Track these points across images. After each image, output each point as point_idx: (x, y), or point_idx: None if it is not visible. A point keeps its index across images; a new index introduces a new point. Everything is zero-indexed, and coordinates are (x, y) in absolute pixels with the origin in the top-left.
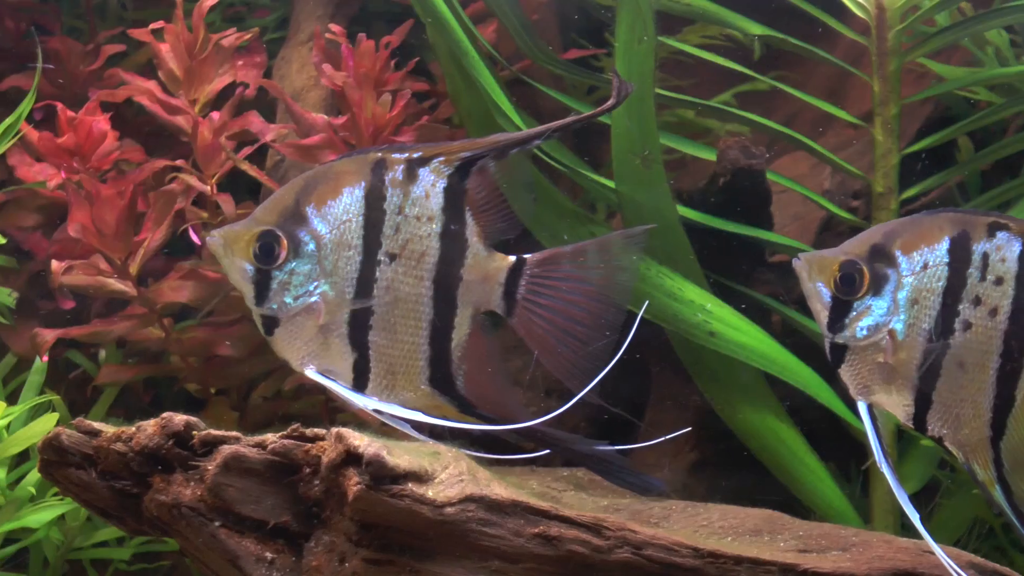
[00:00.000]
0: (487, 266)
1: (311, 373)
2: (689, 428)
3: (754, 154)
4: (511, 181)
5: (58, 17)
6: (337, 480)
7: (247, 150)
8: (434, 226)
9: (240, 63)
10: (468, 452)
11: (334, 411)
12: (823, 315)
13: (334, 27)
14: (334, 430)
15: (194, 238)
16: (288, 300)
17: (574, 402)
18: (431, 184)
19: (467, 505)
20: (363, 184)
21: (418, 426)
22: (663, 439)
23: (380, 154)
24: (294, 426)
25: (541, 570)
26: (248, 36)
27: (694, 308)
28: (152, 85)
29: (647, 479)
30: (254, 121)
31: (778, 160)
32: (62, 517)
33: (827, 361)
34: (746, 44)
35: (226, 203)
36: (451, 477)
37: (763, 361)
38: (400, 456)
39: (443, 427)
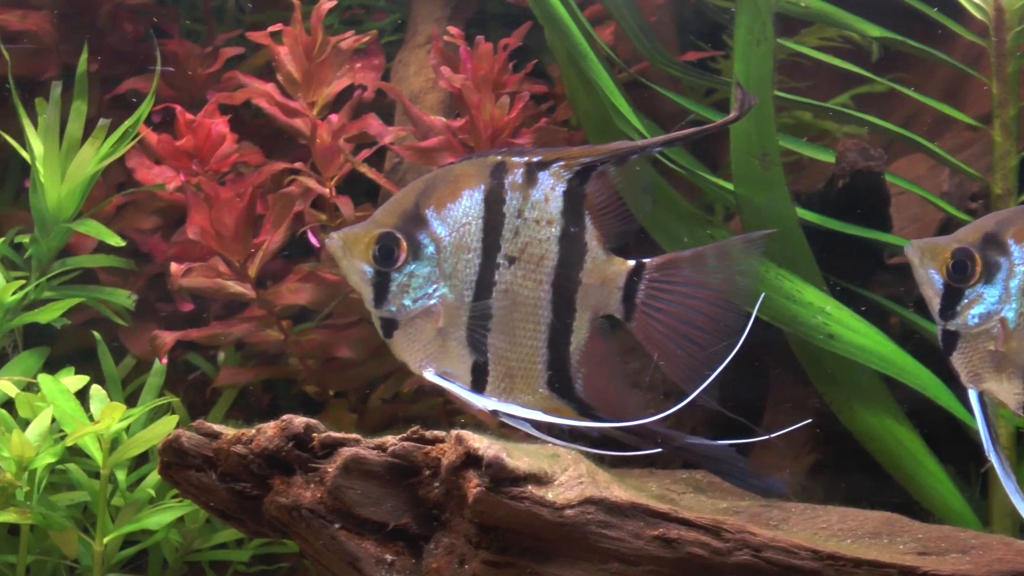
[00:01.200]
0: (606, 270)
1: (430, 375)
2: (809, 420)
3: (873, 156)
4: (630, 184)
5: (176, 20)
6: (457, 482)
7: (365, 152)
8: (553, 229)
9: (358, 65)
10: (586, 450)
11: (453, 413)
12: (935, 302)
13: (452, 29)
14: (454, 432)
15: (312, 240)
16: (407, 302)
17: (687, 401)
18: (551, 188)
19: (587, 507)
20: (483, 187)
21: (539, 428)
22: (782, 432)
23: (500, 157)
24: (414, 428)
25: (660, 572)
26: (366, 39)
27: (813, 310)
28: (270, 88)
29: (768, 480)
30: (372, 123)
31: (896, 162)
32: (181, 519)
33: (945, 364)
34: (864, 46)
35: (345, 205)
36: (571, 479)
37: (882, 363)
38: (520, 458)
39: (563, 429)
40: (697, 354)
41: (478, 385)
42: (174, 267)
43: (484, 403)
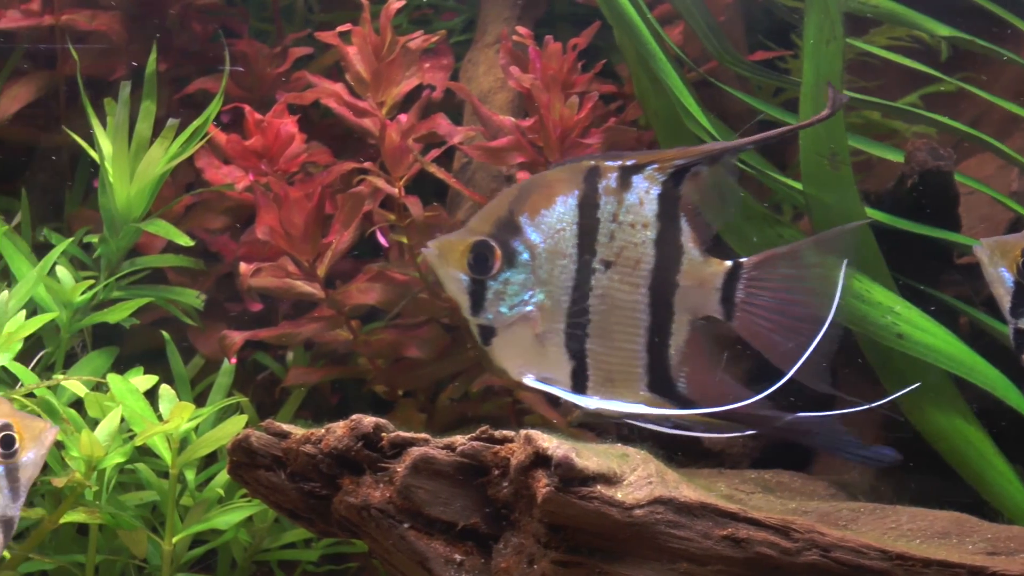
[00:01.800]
0: (703, 271)
1: (530, 381)
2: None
3: (942, 155)
4: (719, 185)
5: (245, 20)
6: (526, 482)
7: (434, 152)
8: (649, 233)
9: (427, 65)
10: (689, 432)
11: (521, 413)
12: (1006, 300)
13: (521, 29)
14: (523, 432)
15: (381, 240)
16: (503, 310)
17: (769, 393)
18: (645, 191)
19: (656, 507)
20: (576, 192)
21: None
22: (880, 403)
23: (593, 162)
24: (483, 428)
25: (729, 572)
26: (435, 39)
27: (882, 310)
28: (339, 88)
29: (879, 450)
30: (441, 123)
31: (965, 161)
32: (250, 519)
33: (1015, 364)
34: (933, 45)
35: (413, 205)
36: (640, 479)
37: (951, 363)
38: (589, 458)
39: (669, 423)
40: (805, 346)
41: (578, 390)
42: (243, 267)
43: (587, 402)
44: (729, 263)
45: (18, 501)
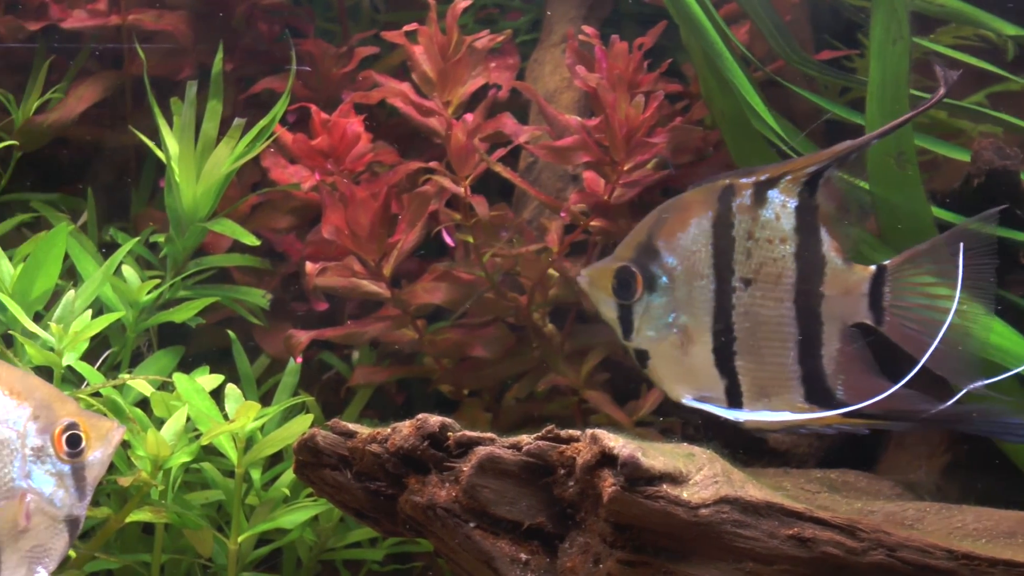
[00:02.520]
0: (848, 279)
1: (689, 402)
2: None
3: (1008, 155)
4: (850, 187)
5: (311, 20)
6: (592, 481)
7: (500, 152)
8: (788, 247)
9: (493, 65)
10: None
11: (587, 413)
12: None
13: (587, 29)
14: (589, 431)
15: (447, 239)
16: (651, 333)
17: (908, 371)
18: (781, 205)
19: (721, 507)
20: (710, 213)
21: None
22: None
23: (728, 181)
24: (549, 427)
25: (795, 571)
26: (501, 38)
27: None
28: (406, 87)
29: None
30: (507, 123)
31: None
32: (315, 518)
33: None
34: (999, 45)
35: (479, 205)
36: (706, 478)
37: (1018, 362)
38: (655, 457)
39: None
40: (956, 343)
41: (734, 406)
42: (309, 266)
43: (748, 416)
44: (873, 267)
45: (84, 500)
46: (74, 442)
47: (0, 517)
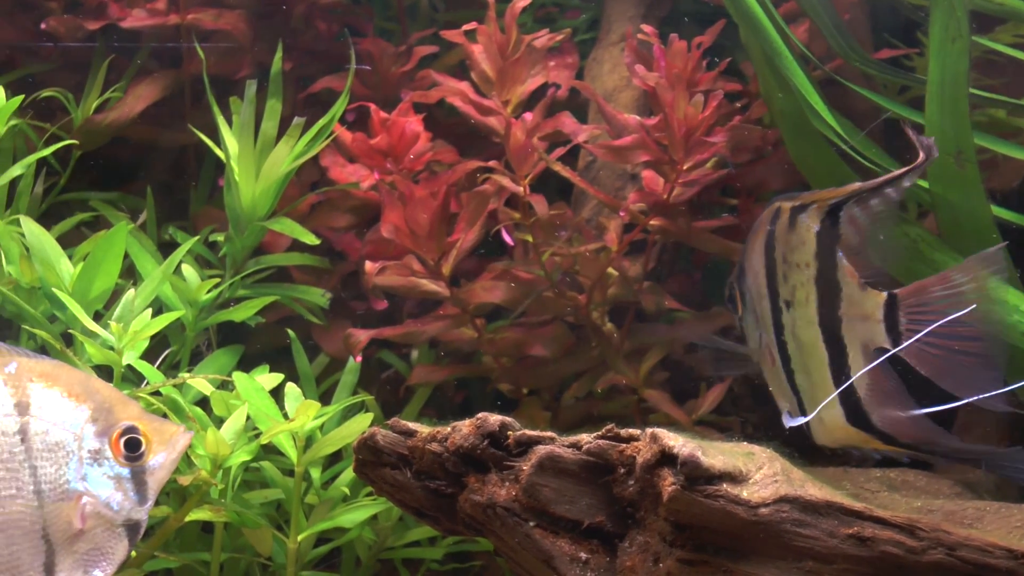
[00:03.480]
0: (864, 304)
1: (787, 420)
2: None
3: None
4: (880, 218)
5: (370, 19)
6: (652, 480)
7: (559, 151)
8: (811, 271)
9: (552, 64)
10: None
11: (647, 412)
12: None
13: (646, 28)
14: (649, 430)
15: (506, 239)
16: (752, 345)
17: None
18: (806, 230)
19: (781, 506)
20: (763, 235)
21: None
22: None
23: (779, 203)
24: (609, 426)
25: (855, 571)
26: (560, 37)
27: (1008, 309)
28: (464, 86)
29: None
30: (566, 122)
31: None
32: (374, 517)
33: None
34: None
35: (539, 204)
36: (765, 478)
37: None
38: (714, 457)
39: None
40: (976, 366)
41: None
42: (368, 265)
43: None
44: (885, 294)
45: (145, 504)
46: (133, 446)
47: (55, 518)
